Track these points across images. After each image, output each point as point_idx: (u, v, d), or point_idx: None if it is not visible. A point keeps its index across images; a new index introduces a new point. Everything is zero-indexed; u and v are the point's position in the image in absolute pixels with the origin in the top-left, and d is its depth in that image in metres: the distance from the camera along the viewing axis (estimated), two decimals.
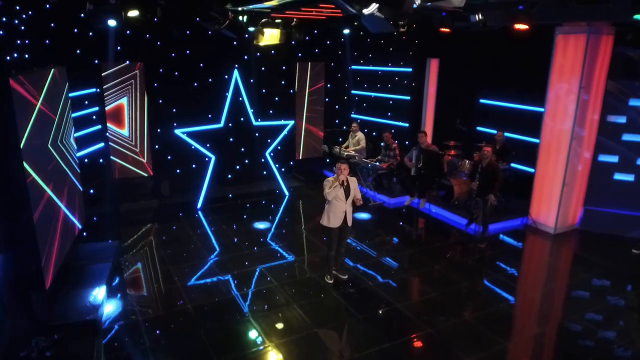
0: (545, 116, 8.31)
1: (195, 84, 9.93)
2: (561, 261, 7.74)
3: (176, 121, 9.74)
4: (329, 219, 6.29)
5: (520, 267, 7.47)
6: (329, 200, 6.22)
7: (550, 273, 7.32)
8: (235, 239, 8.03)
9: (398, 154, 9.92)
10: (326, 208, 6.33)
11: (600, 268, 7.09)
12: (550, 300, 6.47)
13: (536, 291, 6.72)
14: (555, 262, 7.65)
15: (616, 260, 7.31)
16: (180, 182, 10.17)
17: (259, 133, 10.54)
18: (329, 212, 6.29)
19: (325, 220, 6.33)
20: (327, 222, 6.32)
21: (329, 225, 6.31)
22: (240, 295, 6.21)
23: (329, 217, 6.29)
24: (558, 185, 8.26)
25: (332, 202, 6.21)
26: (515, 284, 6.81)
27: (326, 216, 6.32)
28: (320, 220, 6.41)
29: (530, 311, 6.23)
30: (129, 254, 7.42)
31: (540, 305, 6.32)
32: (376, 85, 11.49)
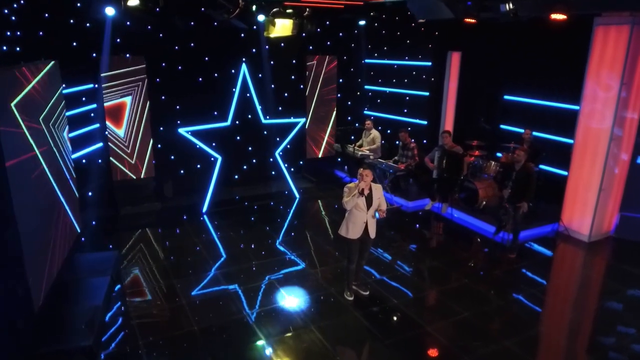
0: (581, 115, 7.65)
1: (200, 79, 9.29)
2: (601, 274, 7.09)
3: (180, 119, 9.11)
4: (348, 229, 5.68)
5: (556, 280, 6.86)
6: (345, 207, 5.61)
7: (591, 288, 6.67)
8: (243, 246, 7.43)
9: (417, 154, 9.28)
10: (345, 216, 5.72)
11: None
12: (599, 321, 5.83)
13: (579, 311, 6.08)
14: (595, 276, 7.00)
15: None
16: (184, 183, 9.57)
17: (267, 131, 9.91)
18: (348, 222, 5.68)
19: (344, 230, 5.72)
20: (345, 233, 5.71)
21: (347, 235, 5.70)
22: (251, 314, 5.61)
23: (347, 226, 5.68)
24: (594, 189, 7.61)
25: (351, 211, 5.60)
26: (553, 301, 6.19)
27: (345, 225, 5.72)
28: (339, 229, 5.81)
29: (576, 337, 5.60)
30: (130, 266, 6.83)
31: (587, 329, 5.69)
32: (391, 80, 10.82)
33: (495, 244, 7.66)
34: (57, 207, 5.83)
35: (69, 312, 5.32)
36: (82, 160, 8.17)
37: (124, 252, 7.20)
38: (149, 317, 5.59)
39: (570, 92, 8.01)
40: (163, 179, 9.30)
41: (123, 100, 8.56)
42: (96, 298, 5.65)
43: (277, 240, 7.73)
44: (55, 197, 5.77)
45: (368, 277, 6.43)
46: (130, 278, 6.48)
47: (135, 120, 8.71)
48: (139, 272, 6.63)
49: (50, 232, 5.46)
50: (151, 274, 6.56)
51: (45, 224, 5.34)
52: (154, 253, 7.25)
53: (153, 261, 6.95)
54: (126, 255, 7.11)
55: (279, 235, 7.95)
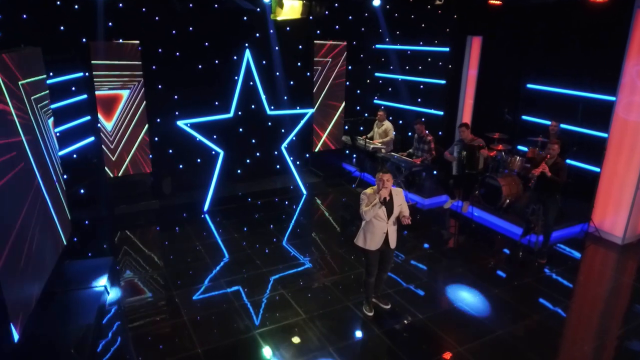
0: (617, 106, 7.00)
1: (199, 66, 8.58)
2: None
3: (178, 110, 8.42)
4: (366, 240, 5.03)
5: (594, 290, 6.25)
6: (364, 218, 4.96)
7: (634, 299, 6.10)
8: (249, 251, 6.81)
9: (434, 148, 8.63)
10: (362, 225, 5.08)
11: None
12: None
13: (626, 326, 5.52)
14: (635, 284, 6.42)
15: None
16: (183, 179, 8.91)
17: (272, 123, 9.22)
18: (365, 232, 5.03)
19: (361, 241, 5.08)
20: (362, 243, 5.07)
21: (365, 247, 5.06)
22: (261, 334, 5.01)
23: (365, 237, 5.04)
24: (630, 187, 7.00)
25: (370, 221, 4.96)
26: (592, 314, 5.60)
27: (362, 236, 5.07)
28: (355, 239, 5.17)
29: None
30: (125, 274, 6.21)
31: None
32: (404, 67, 10.12)
33: (522, 247, 7.07)
34: (43, 210, 5.19)
35: (56, 332, 4.72)
36: (72, 156, 7.52)
37: (119, 258, 6.58)
38: (148, 335, 4.98)
39: (604, 81, 7.36)
40: (161, 175, 8.64)
41: (119, 93, 7.86)
42: (88, 315, 5.04)
43: (285, 243, 7.12)
44: (40, 198, 5.12)
45: (387, 287, 5.82)
46: (126, 289, 5.86)
47: (128, 114, 8.01)
48: (136, 282, 6.01)
49: (31, 238, 4.83)
50: (149, 284, 5.95)
51: (24, 230, 4.71)
52: (152, 258, 6.63)
53: (151, 268, 6.34)
54: (121, 262, 6.49)
55: (287, 238, 7.33)
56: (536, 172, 6.45)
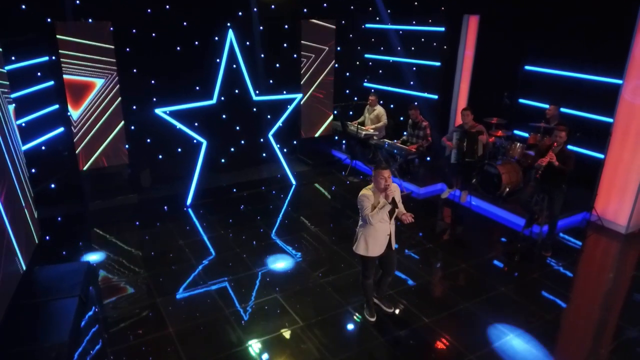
0: (624, 90, 6.64)
1: (178, 48, 7.93)
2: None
3: (156, 96, 7.81)
4: (368, 247, 4.54)
5: (604, 283, 5.97)
6: (371, 223, 4.45)
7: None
8: (237, 249, 6.33)
9: (429, 134, 8.21)
10: (361, 232, 4.57)
11: None
12: None
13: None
14: None
15: None
16: (163, 170, 8.35)
17: (257, 109, 8.65)
18: (366, 237, 4.53)
19: (362, 248, 4.57)
20: (364, 251, 4.57)
21: (367, 254, 4.58)
22: (255, 347, 4.57)
23: (367, 243, 4.54)
24: (636, 175, 6.70)
25: (372, 225, 4.48)
26: (604, 308, 5.32)
27: (362, 242, 4.56)
28: (354, 246, 4.66)
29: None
30: (103, 279, 5.67)
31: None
32: (395, 48, 9.60)
33: (525, 239, 6.75)
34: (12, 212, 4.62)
35: (23, 354, 4.21)
36: (41, 148, 6.88)
37: (95, 261, 6.03)
38: (130, 353, 4.49)
39: (610, 63, 6.97)
40: (139, 167, 8.04)
41: (91, 81, 7.17)
42: (61, 330, 4.52)
43: (275, 240, 6.65)
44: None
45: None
46: (104, 298, 5.33)
47: (102, 103, 7.34)
48: (115, 289, 5.48)
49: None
50: (130, 291, 5.43)
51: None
52: (132, 260, 6.09)
53: (131, 272, 5.81)
54: (98, 265, 5.95)
55: (277, 233, 6.86)
56: (543, 161, 6.08)
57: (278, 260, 6.10)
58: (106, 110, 7.40)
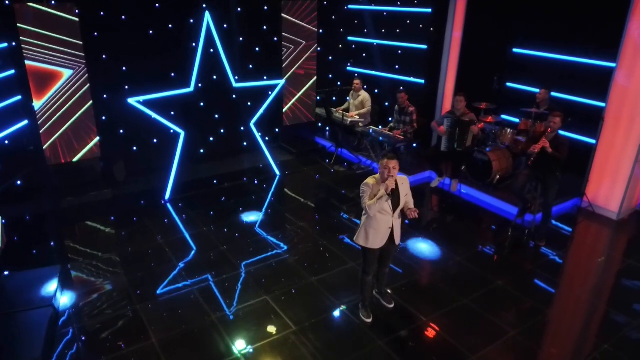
0: (617, 74, 6.48)
1: (150, 31, 7.41)
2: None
3: (128, 84, 7.32)
4: (368, 238, 4.35)
5: (601, 273, 5.86)
6: (368, 213, 4.25)
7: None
8: (222, 247, 5.98)
9: (416, 120, 7.94)
10: (363, 221, 4.38)
11: None
12: None
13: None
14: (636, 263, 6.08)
15: None
16: (138, 162, 7.89)
17: (237, 96, 8.22)
18: (367, 228, 4.34)
19: (362, 239, 4.39)
20: (364, 242, 4.39)
21: (367, 245, 4.39)
22: (247, 356, 4.27)
23: (367, 234, 4.35)
24: (628, 160, 6.59)
25: (373, 215, 4.26)
26: (602, 304, 5.20)
27: (363, 233, 4.38)
28: (355, 236, 4.48)
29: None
30: (78, 285, 5.26)
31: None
32: (380, 30, 9.24)
33: (518, 228, 6.60)
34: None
35: None
36: (4, 142, 6.35)
37: (69, 264, 5.60)
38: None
39: (603, 46, 6.79)
40: (112, 160, 7.55)
41: (57, 70, 6.63)
42: (33, 345, 4.16)
43: (261, 235, 6.32)
44: None
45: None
46: (80, 305, 4.94)
47: (67, 92, 6.81)
48: (92, 295, 5.07)
49: None
50: (108, 297, 5.04)
51: None
52: (109, 262, 5.68)
53: (109, 275, 5.41)
54: (72, 269, 5.53)
55: (263, 228, 6.53)
56: (536, 148, 5.88)
57: (265, 258, 5.78)
58: (73, 100, 6.88)
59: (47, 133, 6.81)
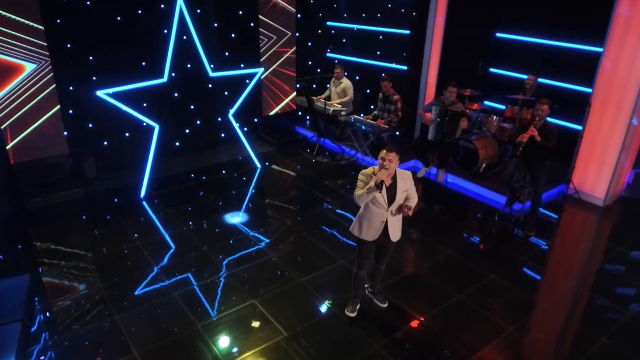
0: (604, 58, 6.38)
1: (118, 18, 6.93)
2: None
3: (96, 74, 6.85)
4: (361, 229, 4.18)
5: (591, 262, 5.80)
6: (356, 203, 4.09)
7: (629, 268, 5.71)
8: (204, 248, 5.68)
9: (400, 108, 7.72)
10: (360, 211, 4.19)
11: None
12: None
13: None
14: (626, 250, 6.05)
15: None
16: (110, 158, 7.45)
17: (213, 85, 7.81)
18: (361, 219, 4.17)
19: (356, 229, 4.22)
20: (358, 232, 4.22)
21: (360, 236, 4.21)
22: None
23: (360, 225, 4.18)
24: (615, 147, 6.55)
25: (366, 206, 4.09)
26: (601, 293, 5.14)
27: (357, 223, 4.22)
28: (351, 226, 4.30)
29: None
30: (49, 296, 4.89)
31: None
32: (360, 15, 8.93)
33: (505, 216, 6.50)
34: None
35: None
36: None
37: (39, 272, 5.21)
38: None
39: (589, 30, 6.67)
40: (82, 156, 7.09)
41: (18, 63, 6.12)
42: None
43: (244, 234, 6.02)
44: None
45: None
46: (53, 319, 4.58)
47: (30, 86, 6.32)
48: (66, 306, 4.72)
49: None
50: (84, 307, 4.68)
51: None
52: (83, 269, 5.31)
53: (83, 283, 5.05)
54: (43, 278, 5.14)
55: (247, 226, 6.23)
56: (524, 137, 5.75)
57: (250, 257, 5.51)
58: (38, 94, 6.39)
59: (10, 130, 6.32)
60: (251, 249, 5.67)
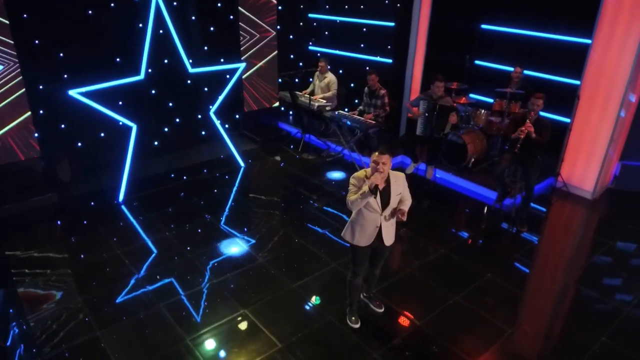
0: (593, 50, 6.30)
1: (89, 11, 6.55)
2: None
3: (67, 72, 6.47)
4: (354, 234, 3.99)
5: (585, 257, 5.76)
6: (349, 208, 3.89)
7: (618, 261, 5.68)
8: (189, 255, 5.41)
9: (387, 103, 7.54)
10: (352, 216, 3.99)
11: None
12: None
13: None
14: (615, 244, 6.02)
15: None
16: (85, 160, 7.08)
17: (193, 81, 7.47)
18: (354, 224, 3.98)
19: (349, 234, 4.04)
20: (350, 237, 4.03)
21: (353, 242, 4.02)
22: None
23: (353, 230, 4.00)
24: (603, 139, 6.50)
25: (359, 211, 3.90)
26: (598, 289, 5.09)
27: (350, 228, 4.03)
28: (343, 231, 4.10)
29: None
30: (26, 313, 4.57)
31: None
32: (343, 6, 8.69)
33: (496, 211, 6.41)
34: None
35: None
36: None
37: (13, 287, 4.87)
38: None
39: (577, 21, 6.59)
40: (55, 159, 6.71)
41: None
42: None
43: (230, 238, 5.78)
44: None
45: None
46: (31, 339, 4.27)
47: None
48: (44, 324, 4.41)
49: None
50: (63, 323, 4.39)
51: None
52: (60, 281, 4.99)
53: (62, 296, 4.74)
54: (17, 290, 4.81)
55: (232, 229, 5.98)
56: (522, 133, 5.64)
57: (237, 263, 5.27)
58: (6, 94, 6.00)
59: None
60: (238, 254, 5.44)
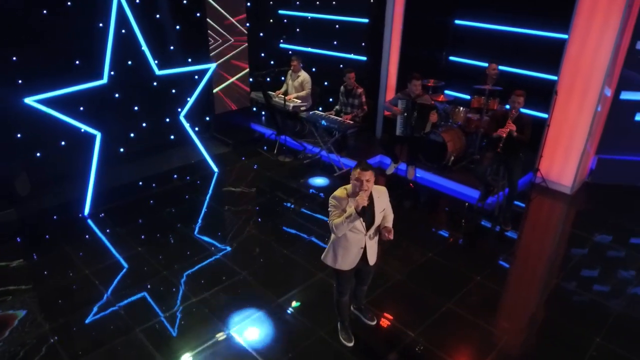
0: (570, 45, 6.27)
1: (44, 11, 6.04)
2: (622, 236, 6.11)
3: (21, 77, 5.96)
4: (336, 258, 3.70)
5: (571, 254, 5.73)
6: (334, 233, 3.57)
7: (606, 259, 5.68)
8: (165, 272, 5.06)
9: (365, 102, 7.35)
10: (332, 239, 3.70)
11: None
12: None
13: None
14: (596, 239, 6.03)
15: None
16: (45, 171, 6.57)
17: (159, 83, 7.05)
18: (335, 247, 3.68)
19: (330, 259, 3.74)
20: (332, 262, 3.74)
21: (335, 266, 3.74)
22: None
23: (335, 254, 3.70)
24: (581, 134, 6.51)
25: (337, 235, 3.60)
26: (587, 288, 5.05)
27: (331, 252, 3.72)
28: (323, 255, 3.81)
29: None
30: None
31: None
32: (314, 3, 8.41)
33: (479, 210, 6.33)
34: None
35: None
36: None
37: None
38: None
39: (553, 16, 6.55)
40: (11, 171, 6.19)
41: None
42: None
43: (209, 249, 5.46)
44: None
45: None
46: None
47: None
48: (4, 354, 4.01)
49: None
50: (27, 356, 4.00)
51: None
52: (25, 307, 4.56)
53: (26, 326, 4.32)
54: None
55: (210, 242, 5.66)
56: (503, 132, 5.56)
57: (217, 278, 4.96)
58: None
59: None
60: (217, 268, 5.13)
